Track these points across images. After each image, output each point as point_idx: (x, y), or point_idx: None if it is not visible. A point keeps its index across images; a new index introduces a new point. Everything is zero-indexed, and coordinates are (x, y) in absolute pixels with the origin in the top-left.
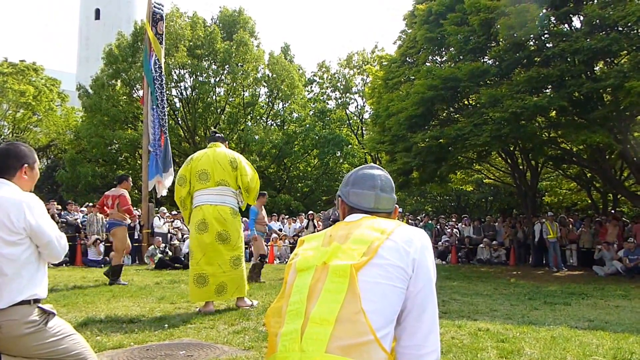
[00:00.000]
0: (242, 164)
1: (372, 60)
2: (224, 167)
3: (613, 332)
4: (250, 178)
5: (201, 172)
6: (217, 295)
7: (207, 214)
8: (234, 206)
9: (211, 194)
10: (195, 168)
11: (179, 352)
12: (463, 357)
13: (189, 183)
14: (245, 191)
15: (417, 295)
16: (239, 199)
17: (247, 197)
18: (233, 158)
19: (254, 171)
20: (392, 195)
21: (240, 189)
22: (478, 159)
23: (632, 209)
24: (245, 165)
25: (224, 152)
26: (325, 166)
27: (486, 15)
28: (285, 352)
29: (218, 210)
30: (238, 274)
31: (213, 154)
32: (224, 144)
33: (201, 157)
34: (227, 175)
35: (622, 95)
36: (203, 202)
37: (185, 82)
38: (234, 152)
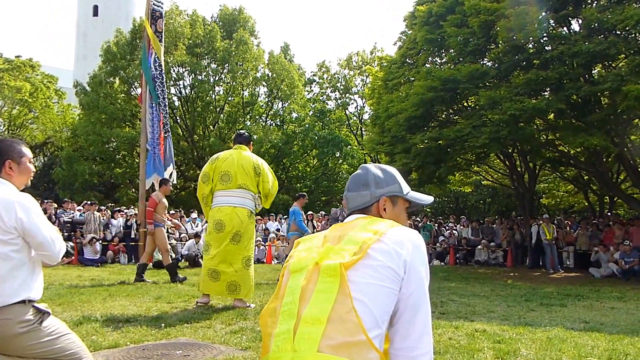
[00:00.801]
0: (265, 170)
1: (372, 61)
2: (247, 171)
3: (608, 334)
4: (272, 185)
5: (224, 173)
6: (228, 292)
7: (225, 215)
8: (252, 209)
9: (231, 195)
10: (220, 168)
11: (175, 351)
12: (460, 357)
13: (211, 181)
14: (264, 197)
15: (409, 297)
16: (256, 202)
17: (265, 201)
18: (257, 164)
19: (274, 177)
20: (360, 192)
21: (260, 194)
22: (477, 161)
23: (628, 212)
24: (268, 172)
25: (249, 156)
26: (325, 167)
27: (486, 17)
28: (278, 352)
29: (236, 212)
30: (248, 275)
31: (238, 157)
32: (249, 145)
33: (226, 159)
34: (248, 180)
35: (619, 99)
36: (223, 203)
37: (184, 81)
38: (258, 158)
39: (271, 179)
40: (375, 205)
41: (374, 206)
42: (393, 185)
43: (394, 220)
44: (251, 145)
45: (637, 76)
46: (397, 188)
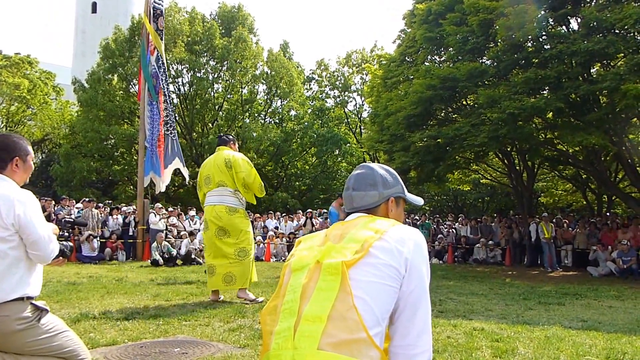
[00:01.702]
0: (237, 162)
1: (371, 59)
2: (221, 168)
3: (606, 333)
4: (246, 174)
5: (206, 176)
6: (225, 284)
7: (207, 214)
8: (232, 204)
9: (212, 195)
10: (203, 173)
11: (173, 349)
12: (458, 356)
13: (200, 187)
14: (242, 187)
15: (409, 295)
16: (238, 196)
17: (246, 192)
18: (228, 158)
19: (251, 167)
20: (367, 192)
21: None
22: (475, 159)
23: (626, 211)
24: (242, 163)
25: (222, 154)
26: (323, 165)
27: (485, 15)
28: (279, 349)
29: (215, 209)
30: (244, 265)
31: (215, 158)
32: (228, 145)
33: (206, 163)
34: (224, 176)
35: (618, 98)
36: (206, 203)
37: (183, 78)
38: (233, 153)
39: (245, 168)
40: (384, 206)
41: (381, 206)
42: (397, 186)
43: (396, 220)
44: (232, 144)
45: (636, 75)
46: (400, 189)
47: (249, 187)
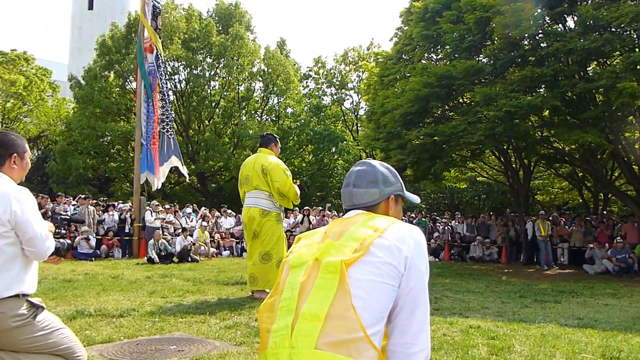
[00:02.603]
0: (273, 170)
1: (368, 57)
2: (258, 173)
3: (602, 330)
4: (281, 184)
5: (245, 177)
6: (250, 284)
7: (244, 216)
8: (266, 207)
9: (249, 197)
10: (243, 173)
11: (169, 346)
12: (454, 353)
13: (241, 186)
14: (278, 194)
15: (408, 293)
16: (273, 200)
17: (281, 199)
18: (265, 165)
19: (287, 176)
20: (369, 189)
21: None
22: (472, 157)
23: (622, 209)
24: (277, 172)
25: (261, 158)
26: (320, 162)
27: (482, 13)
28: (276, 348)
29: (250, 211)
30: (266, 268)
31: (254, 160)
32: (269, 146)
33: (247, 163)
34: (260, 181)
35: (614, 96)
36: (245, 204)
37: (179, 75)
38: (271, 159)
39: (280, 178)
40: (384, 204)
41: (382, 204)
42: (397, 184)
43: (395, 217)
44: (273, 146)
45: (632, 73)
46: (400, 187)
47: (283, 195)
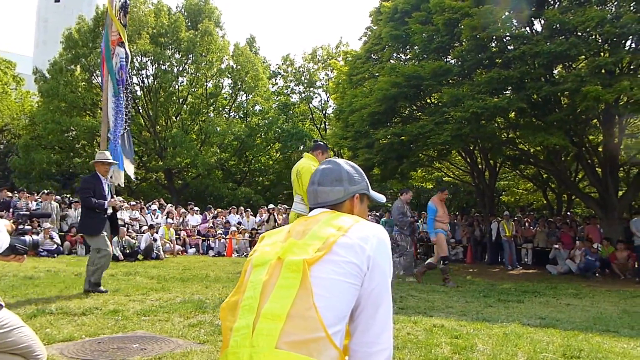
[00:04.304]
0: (304, 174)
1: (337, 55)
2: (294, 178)
3: (563, 330)
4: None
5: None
6: None
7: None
8: (301, 211)
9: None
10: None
11: (132, 345)
12: (417, 352)
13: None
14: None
15: (371, 293)
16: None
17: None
18: (298, 169)
19: None
20: (333, 187)
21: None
22: (439, 157)
23: (585, 210)
24: (307, 176)
25: (300, 163)
26: (287, 160)
27: (450, 15)
28: (237, 347)
29: (290, 215)
30: None
31: (296, 165)
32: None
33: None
34: (295, 185)
35: (578, 99)
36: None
37: (147, 70)
38: (305, 162)
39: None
40: (349, 202)
41: (347, 203)
42: (363, 182)
43: (360, 216)
44: (319, 153)
45: (597, 77)
46: (365, 186)
47: None
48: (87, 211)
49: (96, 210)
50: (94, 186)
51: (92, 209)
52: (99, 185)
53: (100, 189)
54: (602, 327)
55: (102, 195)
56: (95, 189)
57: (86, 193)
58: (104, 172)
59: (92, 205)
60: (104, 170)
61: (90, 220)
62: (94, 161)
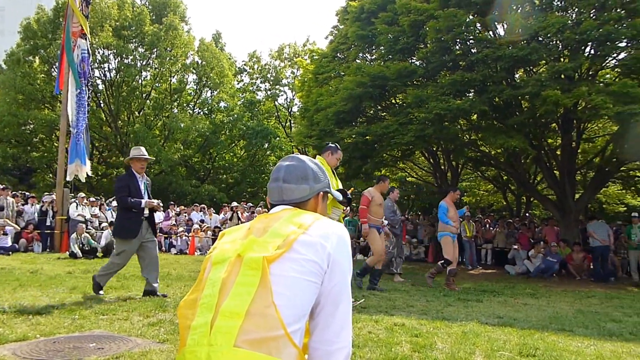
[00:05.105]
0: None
1: (303, 54)
2: None
3: (520, 329)
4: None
5: None
6: None
7: None
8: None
9: None
10: None
11: (88, 344)
12: (378, 351)
13: None
14: None
15: (331, 291)
16: None
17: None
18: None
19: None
20: (299, 185)
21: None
22: (402, 158)
23: (543, 212)
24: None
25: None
26: (252, 158)
27: (416, 17)
28: (194, 346)
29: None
30: None
31: None
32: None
33: None
34: None
35: (538, 103)
36: None
37: (109, 64)
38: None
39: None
40: (314, 200)
41: (311, 201)
42: (326, 180)
43: (321, 214)
44: (328, 154)
45: (556, 82)
46: (327, 183)
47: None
48: (123, 212)
49: (133, 211)
50: (130, 185)
51: (128, 209)
52: (135, 184)
53: (136, 188)
54: (558, 326)
55: (139, 194)
56: (131, 188)
57: (122, 192)
58: (140, 169)
59: (128, 204)
60: (140, 167)
61: (127, 221)
62: (129, 158)
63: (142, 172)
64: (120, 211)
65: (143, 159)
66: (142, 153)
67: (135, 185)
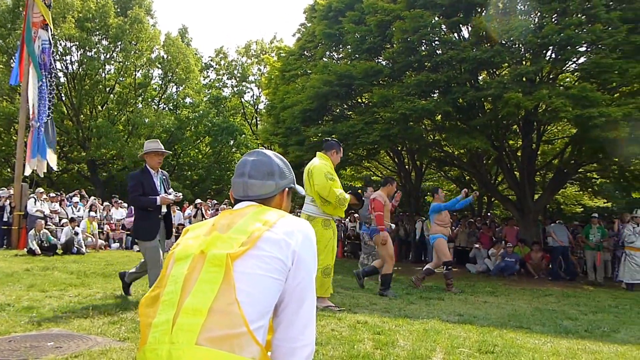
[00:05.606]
0: (314, 174)
1: (270, 51)
2: (305, 178)
3: (480, 326)
4: (320, 187)
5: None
6: None
7: None
8: (310, 212)
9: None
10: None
11: (46, 343)
12: (341, 348)
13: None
14: (319, 199)
15: (295, 288)
16: (317, 204)
17: (324, 205)
18: (309, 168)
19: (326, 180)
20: (265, 181)
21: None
22: (367, 157)
23: (503, 212)
24: (317, 175)
25: (312, 162)
26: (217, 155)
27: (383, 17)
28: (155, 343)
29: (301, 217)
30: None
31: (309, 165)
32: (329, 152)
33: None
34: (307, 185)
35: (500, 105)
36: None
37: (71, 56)
38: (317, 162)
39: (320, 181)
40: (279, 197)
41: (277, 197)
42: (290, 176)
43: (285, 211)
44: (334, 152)
45: (518, 85)
46: (292, 179)
47: (326, 200)
48: (139, 213)
49: (149, 210)
50: (144, 182)
51: (144, 209)
52: (150, 181)
53: (150, 185)
54: (516, 324)
55: (154, 192)
56: (145, 185)
57: (135, 191)
58: (156, 165)
59: (142, 204)
60: (157, 162)
61: (144, 222)
62: (144, 152)
63: (159, 167)
64: (137, 211)
65: (160, 152)
66: (160, 146)
67: (149, 182)
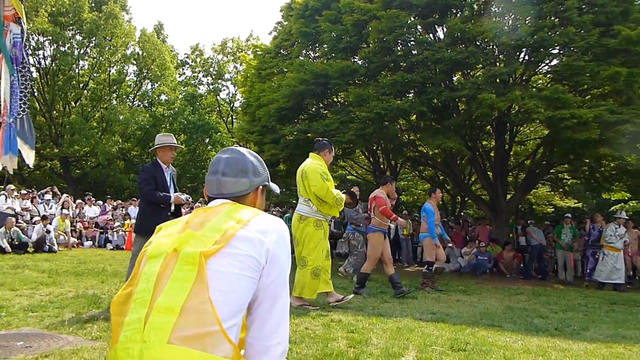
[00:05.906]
0: (310, 174)
1: (247, 48)
2: (299, 179)
3: (452, 324)
4: (317, 188)
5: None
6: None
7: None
8: (303, 212)
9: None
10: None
11: (15, 343)
12: (315, 346)
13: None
14: (316, 199)
15: (269, 287)
16: (310, 205)
17: (321, 205)
18: (304, 169)
19: (323, 180)
20: (239, 179)
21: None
22: (343, 156)
23: (476, 211)
24: (313, 176)
25: (305, 163)
26: (192, 153)
27: (359, 16)
28: (127, 342)
29: (294, 217)
30: (302, 274)
31: (301, 166)
32: (321, 152)
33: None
34: (300, 186)
35: (474, 106)
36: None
37: (44, 51)
38: (311, 162)
39: (317, 182)
40: (253, 194)
41: (250, 195)
42: (265, 174)
43: (259, 208)
44: (326, 152)
45: (492, 86)
46: (267, 177)
47: (323, 200)
48: (147, 207)
49: (160, 206)
50: (156, 176)
51: (154, 204)
52: (161, 176)
53: (162, 180)
54: (488, 322)
55: (165, 188)
56: (157, 180)
57: (148, 185)
58: (169, 159)
59: (157, 199)
60: (170, 157)
61: (151, 218)
62: (156, 146)
63: (170, 162)
64: (144, 205)
65: (174, 146)
66: (173, 140)
67: (161, 177)
